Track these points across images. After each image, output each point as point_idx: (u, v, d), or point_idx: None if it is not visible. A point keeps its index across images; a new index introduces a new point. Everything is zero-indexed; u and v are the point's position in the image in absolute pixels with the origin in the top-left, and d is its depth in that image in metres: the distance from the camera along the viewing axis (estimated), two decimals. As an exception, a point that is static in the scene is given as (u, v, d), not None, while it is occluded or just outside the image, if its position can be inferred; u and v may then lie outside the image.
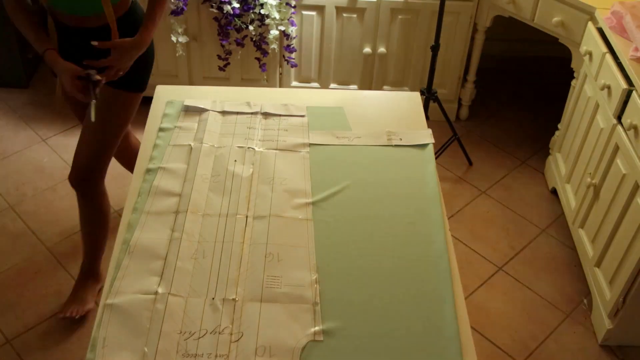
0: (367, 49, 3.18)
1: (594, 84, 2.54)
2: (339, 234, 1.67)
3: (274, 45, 3.06)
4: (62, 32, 2.04)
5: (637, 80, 2.20)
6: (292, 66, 3.17)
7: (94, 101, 1.87)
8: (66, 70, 1.88)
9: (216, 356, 1.38)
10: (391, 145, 1.95)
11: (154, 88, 2.17)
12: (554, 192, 3.02)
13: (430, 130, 2.00)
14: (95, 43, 1.91)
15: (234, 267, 1.57)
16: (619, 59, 2.37)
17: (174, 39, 3.03)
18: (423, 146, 1.96)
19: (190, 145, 1.92)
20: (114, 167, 3.07)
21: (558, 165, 2.93)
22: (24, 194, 2.90)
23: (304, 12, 3.09)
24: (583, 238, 2.58)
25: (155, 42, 3.18)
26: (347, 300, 1.51)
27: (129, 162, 2.58)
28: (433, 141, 1.96)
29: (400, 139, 1.96)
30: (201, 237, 1.64)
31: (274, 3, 2.93)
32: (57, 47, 2.01)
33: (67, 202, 2.87)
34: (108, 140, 2.15)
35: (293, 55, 3.14)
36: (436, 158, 1.98)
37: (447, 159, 3.20)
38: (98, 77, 1.88)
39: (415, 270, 1.59)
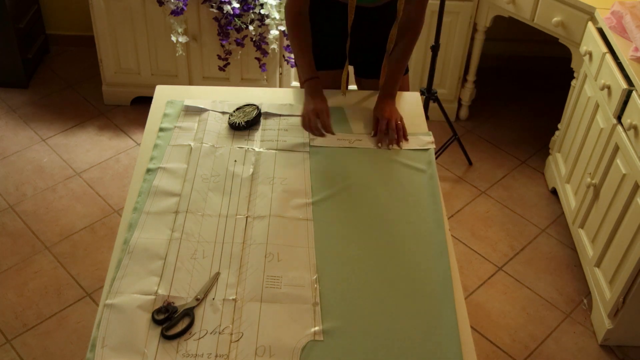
0: (367, 49, 3.18)
1: (594, 84, 2.54)
2: (339, 234, 1.67)
3: (274, 45, 3.06)
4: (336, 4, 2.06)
5: (637, 80, 2.20)
6: (292, 66, 3.16)
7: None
8: (312, 106, 1.94)
9: (216, 356, 1.38)
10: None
11: (153, 88, 2.17)
12: (554, 192, 3.02)
13: (431, 136, 1.99)
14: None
15: (234, 268, 1.57)
16: (618, 59, 2.37)
17: (173, 39, 3.03)
18: (423, 146, 1.96)
19: (190, 145, 1.92)
20: (114, 166, 3.08)
21: (558, 165, 2.93)
22: (24, 194, 2.90)
23: (304, 12, 3.09)
24: (583, 238, 2.58)
25: (155, 42, 3.20)
26: (347, 300, 1.51)
27: None
28: (434, 146, 1.95)
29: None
30: (201, 237, 1.64)
31: (274, 3, 2.93)
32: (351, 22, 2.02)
33: (67, 202, 2.87)
34: None
35: (293, 55, 3.14)
36: (436, 158, 1.98)
37: (447, 159, 3.20)
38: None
39: (415, 270, 1.59)
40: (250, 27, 2.97)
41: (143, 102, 3.36)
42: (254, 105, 2.05)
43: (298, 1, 1.98)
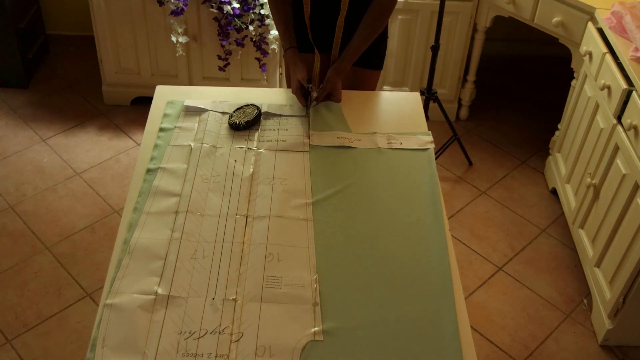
0: (367, 49, 3.18)
1: (594, 84, 2.54)
2: (339, 234, 1.67)
3: (274, 46, 3.06)
4: None
5: (637, 80, 2.20)
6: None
7: (308, 111, 2.05)
8: (297, 74, 2.03)
9: (216, 356, 1.38)
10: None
11: (153, 88, 2.17)
12: (554, 192, 3.02)
13: (430, 136, 1.99)
14: (314, 94, 2.06)
15: (234, 267, 1.57)
16: (618, 59, 2.37)
17: (174, 39, 3.03)
18: (423, 146, 1.96)
19: (190, 145, 1.92)
20: (114, 167, 3.08)
21: (558, 165, 2.93)
22: (24, 194, 2.90)
23: (304, 12, 3.09)
24: (583, 238, 2.58)
25: (154, 42, 3.20)
26: (347, 300, 1.51)
27: None
28: (433, 146, 1.95)
29: (401, 143, 1.96)
30: (201, 237, 1.64)
31: (274, 3, 2.93)
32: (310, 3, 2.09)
33: (67, 202, 2.87)
34: None
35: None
36: (436, 158, 1.98)
37: (447, 159, 3.20)
38: (315, 94, 2.05)
39: (415, 270, 1.59)
40: (250, 27, 2.97)
41: (143, 102, 3.36)
42: (254, 105, 2.05)
43: None
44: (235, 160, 1.88)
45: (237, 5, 2.91)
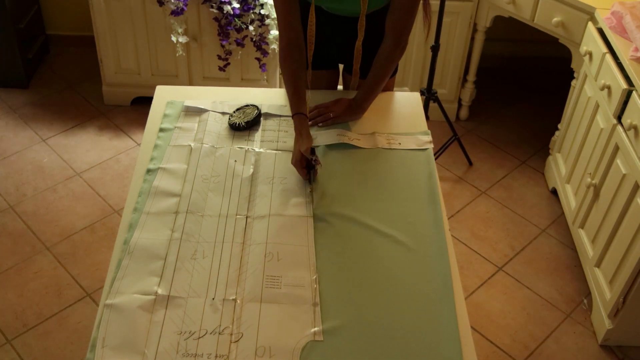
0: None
1: (594, 84, 2.54)
2: (338, 234, 1.67)
3: (274, 46, 3.06)
4: (321, 12, 2.03)
5: (637, 80, 2.20)
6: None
7: (309, 187, 1.82)
8: (300, 144, 1.83)
9: (216, 356, 1.39)
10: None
11: (154, 88, 2.17)
12: (554, 192, 3.02)
13: (429, 135, 1.99)
14: (318, 168, 1.84)
15: (234, 268, 1.57)
16: (619, 59, 2.37)
17: (174, 39, 3.03)
18: (423, 146, 1.96)
19: (190, 145, 1.92)
20: (114, 167, 3.08)
21: (558, 165, 2.93)
22: (24, 194, 2.90)
23: (304, 12, 3.09)
24: (583, 238, 2.58)
25: (155, 42, 3.20)
26: (347, 300, 1.51)
27: None
28: (432, 146, 1.95)
29: (400, 143, 1.96)
30: (201, 237, 1.64)
31: (274, 3, 2.93)
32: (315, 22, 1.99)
33: (67, 202, 2.87)
34: None
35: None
36: (436, 158, 1.98)
37: (447, 159, 3.20)
38: (319, 168, 1.83)
39: (415, 270, 1.59)
40: (251, 27, 2.97)
41: (143, 103, 3.36)
42: (254, 105, 2.05)
43: (285, 32, 1.93)
44: (235, 161, 1.88)
45: (237, 5, 2.91)
